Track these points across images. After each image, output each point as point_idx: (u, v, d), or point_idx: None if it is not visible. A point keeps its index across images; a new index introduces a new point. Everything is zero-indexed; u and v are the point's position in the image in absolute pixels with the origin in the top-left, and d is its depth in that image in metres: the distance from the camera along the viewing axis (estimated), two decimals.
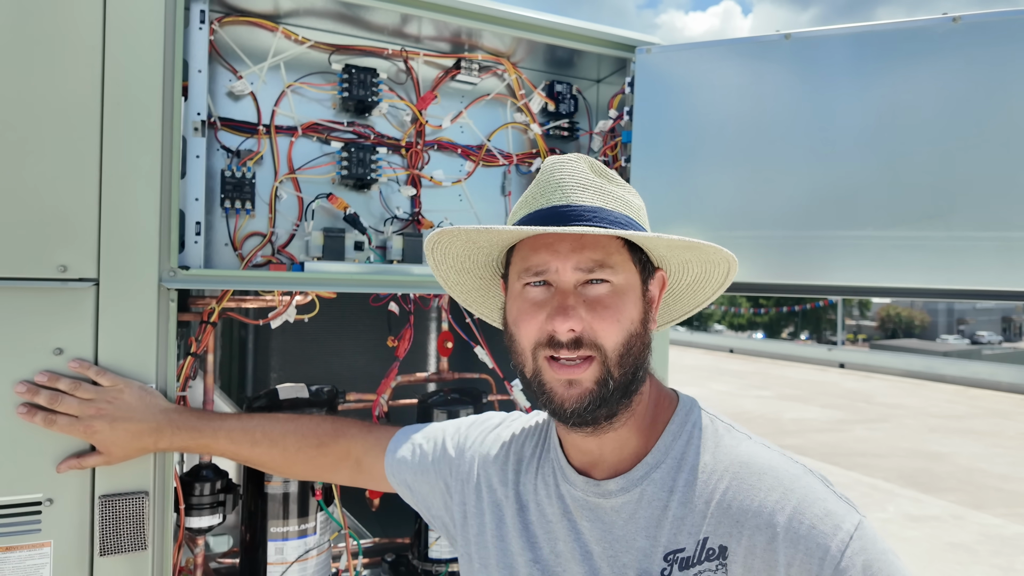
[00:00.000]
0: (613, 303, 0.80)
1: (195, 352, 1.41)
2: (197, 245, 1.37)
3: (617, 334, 0.79)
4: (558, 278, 0.81)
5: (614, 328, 0.79)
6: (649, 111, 1.63)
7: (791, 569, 0.73)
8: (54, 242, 1.16)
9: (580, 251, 0.80)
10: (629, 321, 0.80)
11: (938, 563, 5.04)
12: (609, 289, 0.81)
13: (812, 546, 0.72)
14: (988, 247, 1.38)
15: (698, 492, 0.80)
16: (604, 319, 0.79)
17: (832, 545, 0.72)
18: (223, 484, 1.44)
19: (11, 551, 1.14)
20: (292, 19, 1.56)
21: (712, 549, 0.76)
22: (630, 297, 0.82)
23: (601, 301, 0.80)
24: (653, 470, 0.83)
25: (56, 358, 1.16)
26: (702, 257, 0.89)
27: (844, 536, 0.73)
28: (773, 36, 1.54)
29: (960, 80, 1.39)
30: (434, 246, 0.90)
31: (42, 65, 1.15)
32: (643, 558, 0.80)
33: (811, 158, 1.50)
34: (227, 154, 1.50)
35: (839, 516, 0.75)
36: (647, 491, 0.83)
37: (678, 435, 0.85)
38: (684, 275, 0.95)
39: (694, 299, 0.99)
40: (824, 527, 0.73)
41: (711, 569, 0.76)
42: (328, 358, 2.62)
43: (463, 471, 1.03)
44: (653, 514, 0.81)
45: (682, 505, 0.80)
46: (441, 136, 1.75)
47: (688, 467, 0.82)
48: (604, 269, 0.80)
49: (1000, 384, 15.10)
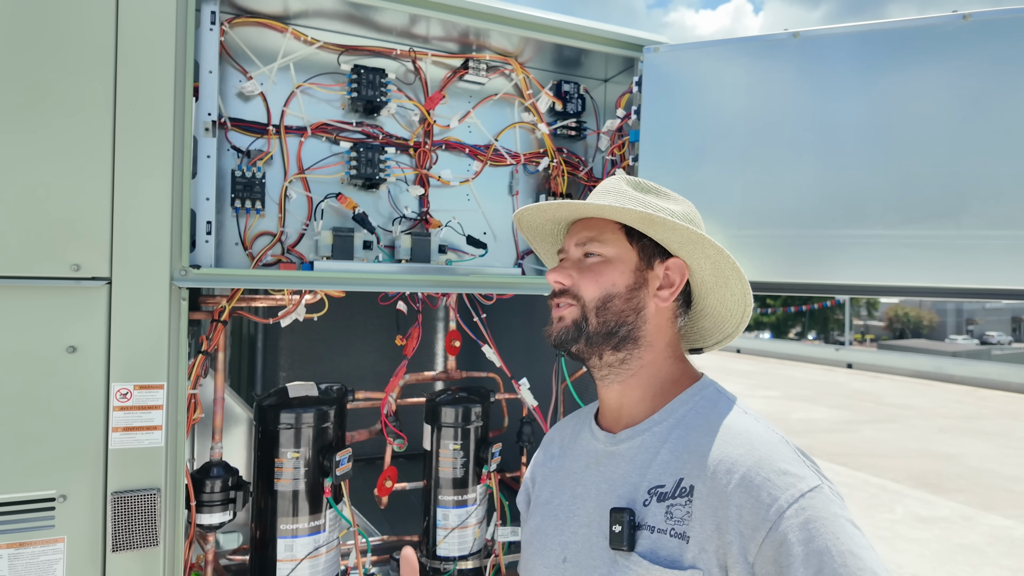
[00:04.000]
0: (596, 268, 1.02)
1: (206, 350, 1.42)
2: (208, 244, 1.38)
3: (595, 290, 1.01)
4: (566, 253, 1.07)
5: (592, 285, 1.01)
6: (657, 110, 1.63)
7: (742, 511, 0.84)
8: (67, 242, 1.18)
9: (581, 231, 1.05)
10: (610, 283, 1.01)
11: (948, 564, 5.02)
12: (598, 259, 1.03)
13: (763, 495, 0.83)
14: (998, 246, 1.37)
15: (685, 444, 0.95)
16: (586, 278, 1.01)
17: (781, 497, 0.83)
18: (234, 481, 1.45)
19: (25, 547, 1.16)
20: (301, 20, 1.57)
21: (685, 488, 0.91)
22: (615, 267, 1.01)
23: (588, 266, 1.03)
24: (655, 425, 1.00)
25: (70, 356, 1.17)
26: (715, 262, 1.02)
27: (795, 493, 0.83)
28: (781, 35, 1.54)
29: (970, 78, 1.39)
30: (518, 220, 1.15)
31: (56, 66, 1.17)
32: (632, 490, 0.96)
33: (819, 156, 1.50)
34: (237, 154, 1.52)
35: (797, 477, 0.85)
36: (646, 440, 0.99)
37: (685, 402, 1.00)
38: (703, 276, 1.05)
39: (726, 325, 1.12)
40: (779, 482, 0.84)
41: (681, 503, 0.90)
42: (337, 357, 2.63)
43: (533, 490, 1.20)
44: (646, 458, 0.97)
45: (670, 452, 0.95)
46: (449, 136, 1.75)
47: (683, 425, 0.98)
48: (593, 243, 1.03)
49: (1010, 385, 14.98)
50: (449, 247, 1.71)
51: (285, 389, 1.54)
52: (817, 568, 0.78)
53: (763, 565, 0.81)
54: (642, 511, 0.93)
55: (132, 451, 1.22)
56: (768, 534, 0.81)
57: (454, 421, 1.72)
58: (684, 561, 0.86)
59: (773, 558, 0.80)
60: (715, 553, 0.84)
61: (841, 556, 0.78)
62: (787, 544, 0.80)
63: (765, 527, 0.82)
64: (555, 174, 1.85)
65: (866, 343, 40.61)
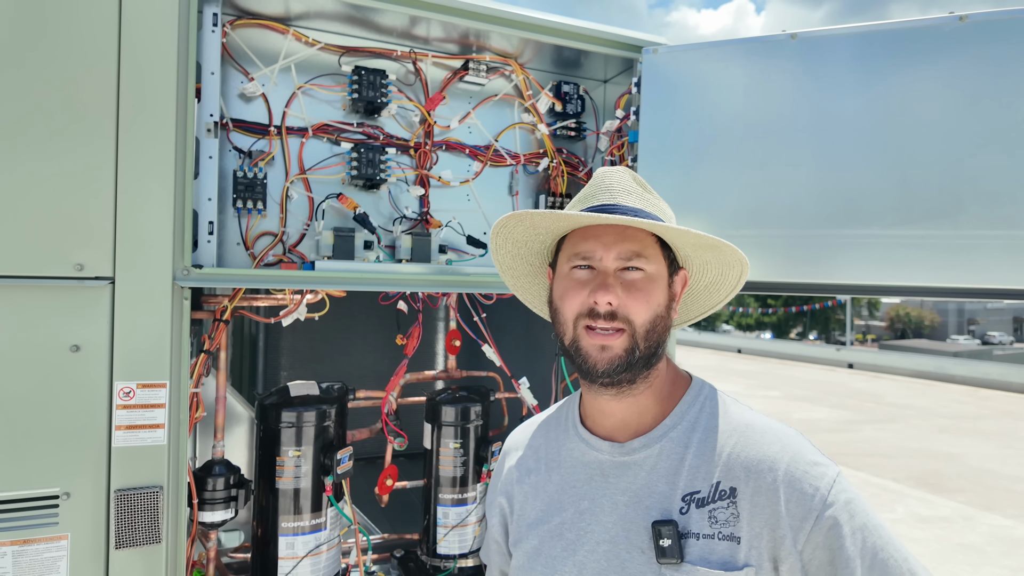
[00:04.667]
0: (645, 287, 0.95)
1: (208, 349, 1.43)
2: (210, 244, 1.39)
3: (646, 312, 0.94)
4: (601, 264, 0.96)
5: (644, 307, 0.94)
6: (656, 111, 1.64)
7: (789, 504, 0.88)
8: (71, 242, 1.19)
9: (622, 242, 0.95)
10: (656, 304, 0.95)
11: (948, 564, 5.02)
12: (643, 276, 0.95)
13: (806, 486, 0.88)
14: (995, 246, 1.38)
15: (710, 447, 0.94)
16: (636, 299, 0.94)
17: (821, 485, 0.88)
18: (235, 479, 1.46)
19: (29, 544, 1.17)
20: (303, 21, 1.58)
21: (724, 490, 0.91)
22: (659, 284, 0.96)
23: (635, 284, 0.95)
24: (671, 430, 0.97)
25: (73, 355, 1.18)
26: (720, 259, 1.03)
27: (829, 480, 0.89)
28: (779, 36, 1.54)
29: (967, 79, 1.39)
30: (500, 228, 1.04)
31: (60, 68, 1.18)
32: (664, 500, 0.93)
33: (818, 157, 1.51)
34: (239, 155, 1.53)
35: (824, 466, 0.91)
36: (665, 447, 0.96)
37: (692, 404, 1.00)
38: (703, 276, 1.08)
39: (710, 300, 1.12)
40: (815, 471, 0.90)
41: (723, 506, 0.90)
42: (338, 356, 2.64)
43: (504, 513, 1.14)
44: (671, 465, 0.95)
45: (696, 457, 0.94)
46: (449, 136, 1.76)
47: (701, 428, 0.97)
48: (640, 258, 0.95)
49: (1011, 385, 14.97)
50: (449, 247, 1.72)
51: (286, 388, 1.55)
52: (862, 541, 0.86)
53: (812, 550, 0.86)
54: (682, 519, 0.91)
55: (135, 449, 1.23)
56: (816, 521, 0.86)
57: (454, 420, 1.73)
58: (738, 561, 0.88)
59: (823, 542, 0.86)
60: (767, 549, 0.88)
61: (875, 529, 0.88)
62: (836, 526, 0.86)
63: (813, 515, 0.86)
64: (555, 174, 1.86)
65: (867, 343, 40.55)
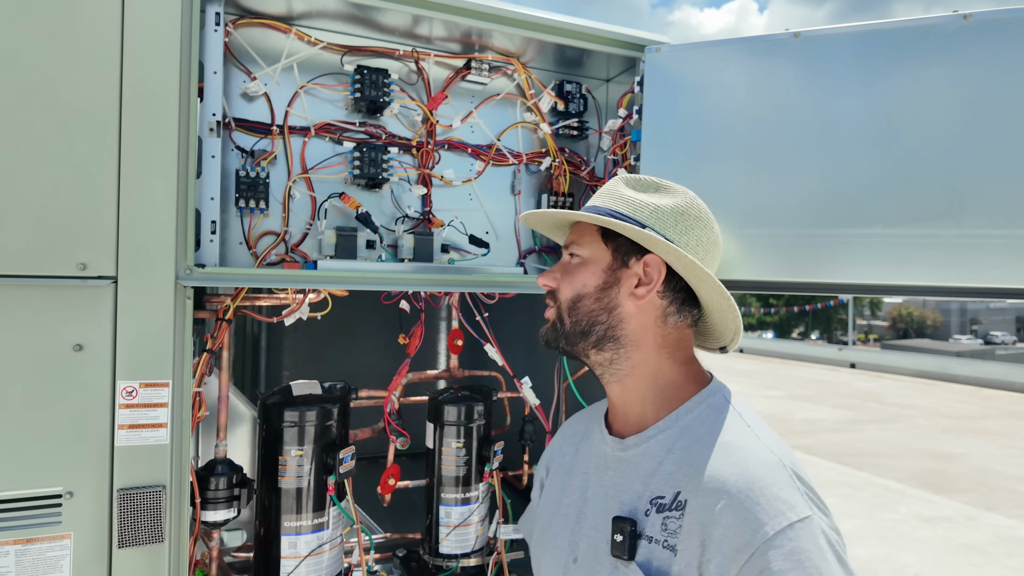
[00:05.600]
0: (572, 269, 1.05)
1: (211, 349, 1.43)
2: (212, 244, 1.39)
3: (567, 291, 1.05)
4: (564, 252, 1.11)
5: (566, 286, 1.05)
6: (658, 110, 1.64)
7: (728, 532, 0.83)
8: (74, 241, 1.19)
9: (570, 235, 1.10)
10: (580, 284, 1.03)
11: (951, 565, 5.01)
12: (577, 261, 1.06)
13: (750, 518, 0.83)
14: (999, 245, 1.38)
15: (688, 456, 0.94)
16: (563, 279, 1.06)
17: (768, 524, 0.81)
18: (238, 479, 1.46)
19: (32, 543, 1.17)
20: (305, 21, 1.58)
21: (680, 501, 0.91)
22: (588, 267, 1.04)
23: (567, 268, 1.07)
24: (660, 433, 0.99)
25: (76, 354, 1.19)
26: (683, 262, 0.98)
27: (783, 521, 0.81)
28: (782, 35, 1.54)
29: (970, 78, 1.39)
30: (525, 220, 1.18)
31: (62, 68, 1.18)
32: (636, 498, 0.97)
33: (821, 156, 1.50)
34: (241, 154, 1.53)
35: (788, 505, 0.83)
36: (651, 448, 0.99)
37: (691, 410, 0.99)
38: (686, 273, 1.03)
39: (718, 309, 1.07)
40: (768, 508, 0.83)
41: (675, 516, 0.91)
42: (340, 355, 2.64)
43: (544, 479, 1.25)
44: (650, 466, 0.98)
45: (673, 463, 0.95)
46: (451, 136, 1.76)
47: (690, 435, 0.97)
48: (574, 246, 1.07)
49: (1014, 385, 14.94)
50: (452, 246, 1.72)
51: (289, 387, 1.55)
52: None
53: None
54: (643, 520, 0.94)
55: (138, 448, 1.23)
56: (750, 559, 0.80)
57: (457, 419, 1.73)
58: (671, 573, 0.87)
59: None
60: (697, 568, 0.85)
61: None
62: (768, 572, 0.79)
63: (748, 551, 0.81)
64: (557, 174, 1.86)
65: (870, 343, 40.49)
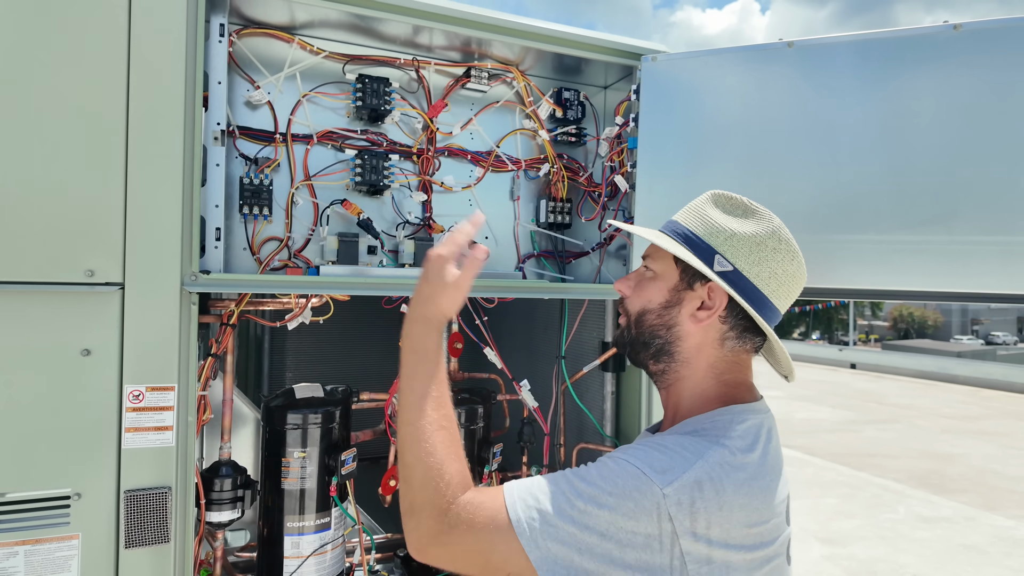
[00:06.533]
0: (643, 283, 1.11)
1: (215, 353, 1.46)
2: (217, 250, 1.42)
3: (635, 303, 1.11)
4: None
5: (635, 299, 1.11)
6: (654, 118, 1.66)
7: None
8: (81, 248, 1.21)
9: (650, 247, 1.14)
10: (647, 299, 1.09)
11: (950, 565, 5.03)
12: (648, 274, 1.11)
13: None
14: (990, 251, 1.40)
15: None
16: (634, 291, 1.11)
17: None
18: (242, 480, 1.49)
19: (41, 543, 1.19)
20: (308, 30, 1.61)
21: None
22: (657, 284, 1.08)
23: (640, 279, 1.12)
24: (662, 436, 1.03)
25: (84, 359, 1.21)
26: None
27: (610, 456, 0.96)
28: (776, 44, 1.56)
29: (961, 87, 1.41)
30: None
31: (70, 77, 1.20)
32: None
33: (815, 164, 1.53)
34: (245, 162, 1.55)
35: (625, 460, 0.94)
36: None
37: (700, 422, 1.02)
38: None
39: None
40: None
41: None
42: (342, 359, 2.67)
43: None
44: None
45: None
46: (451, 143, 1.79)
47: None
48: (649, 259, 1.12)
49: (1014, 385, 14.94)
50: None
51: (292, 390, 1.57)
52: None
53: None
54: None
55: (144, 451, 1.25)
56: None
57: (457, 422, 1.75)
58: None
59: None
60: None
61: (552, 479, 0.94)
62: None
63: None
64: (555, 179, 1.89)
65: (870, 343, 40.47)
